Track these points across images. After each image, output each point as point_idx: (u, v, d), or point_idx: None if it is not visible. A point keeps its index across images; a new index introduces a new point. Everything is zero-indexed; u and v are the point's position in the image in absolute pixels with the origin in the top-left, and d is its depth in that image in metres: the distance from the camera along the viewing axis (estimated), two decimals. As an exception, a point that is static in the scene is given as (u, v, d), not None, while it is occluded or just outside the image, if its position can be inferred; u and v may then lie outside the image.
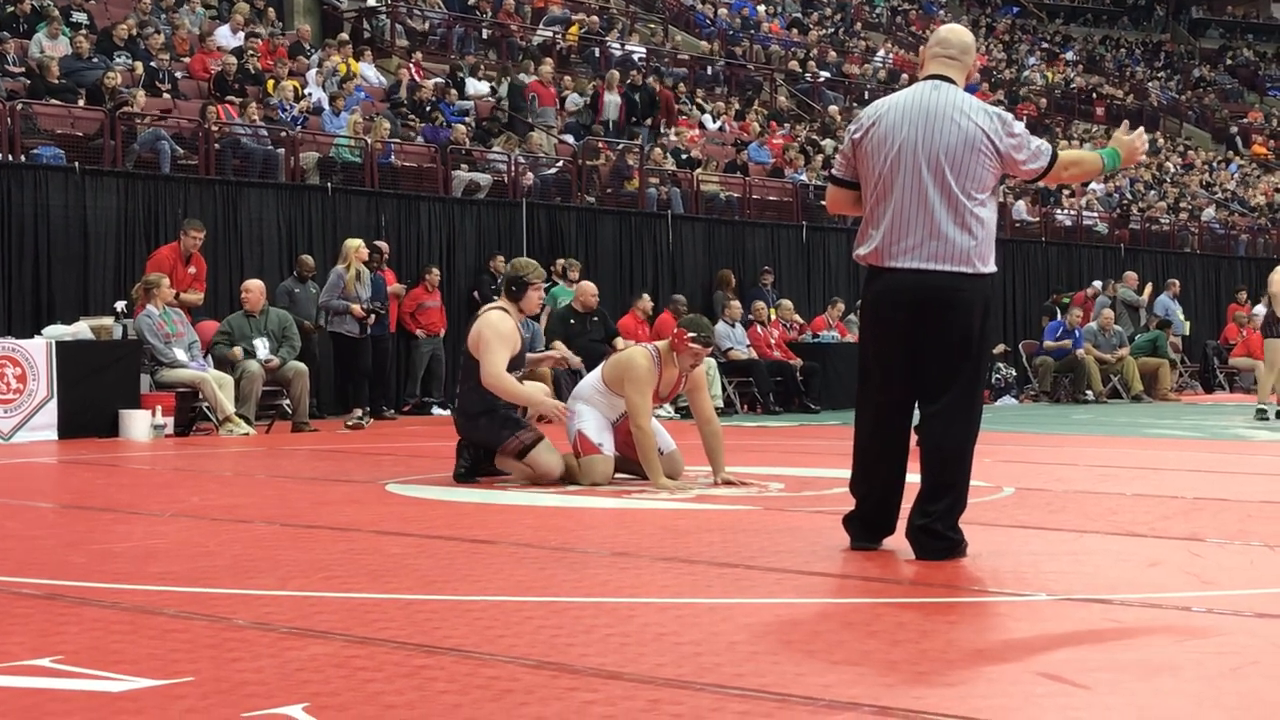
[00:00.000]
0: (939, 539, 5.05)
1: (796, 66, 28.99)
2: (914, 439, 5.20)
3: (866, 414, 5.26)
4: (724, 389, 16.36)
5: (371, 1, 22.82)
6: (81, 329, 12.37)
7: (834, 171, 5.43)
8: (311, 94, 17.90)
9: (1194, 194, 31.32)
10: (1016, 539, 5.71)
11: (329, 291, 13.61)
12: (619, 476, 8.02)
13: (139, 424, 11.77)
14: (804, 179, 21.52)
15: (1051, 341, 20.22)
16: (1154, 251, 26.14)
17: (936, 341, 5.07)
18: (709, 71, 26.99)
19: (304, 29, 20.59)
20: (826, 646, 3.69)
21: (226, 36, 18.78)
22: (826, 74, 29.20)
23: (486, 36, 23.57)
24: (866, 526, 5.30)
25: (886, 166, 5.10)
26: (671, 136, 21.70)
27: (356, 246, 13.62)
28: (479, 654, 3.56)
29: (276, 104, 16.85)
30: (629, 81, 22.13)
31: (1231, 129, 39.24)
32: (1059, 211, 26.03)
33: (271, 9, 20.74)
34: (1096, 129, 33.59)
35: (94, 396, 11.93)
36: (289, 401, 13.13)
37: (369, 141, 16.63)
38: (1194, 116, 40.13)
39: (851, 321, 18.50)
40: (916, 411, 5.20)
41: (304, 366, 13.10)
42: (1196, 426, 14.03)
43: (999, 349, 19.30)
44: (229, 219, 14.96)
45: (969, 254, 5.04)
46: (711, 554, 5.26)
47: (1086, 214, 26.43)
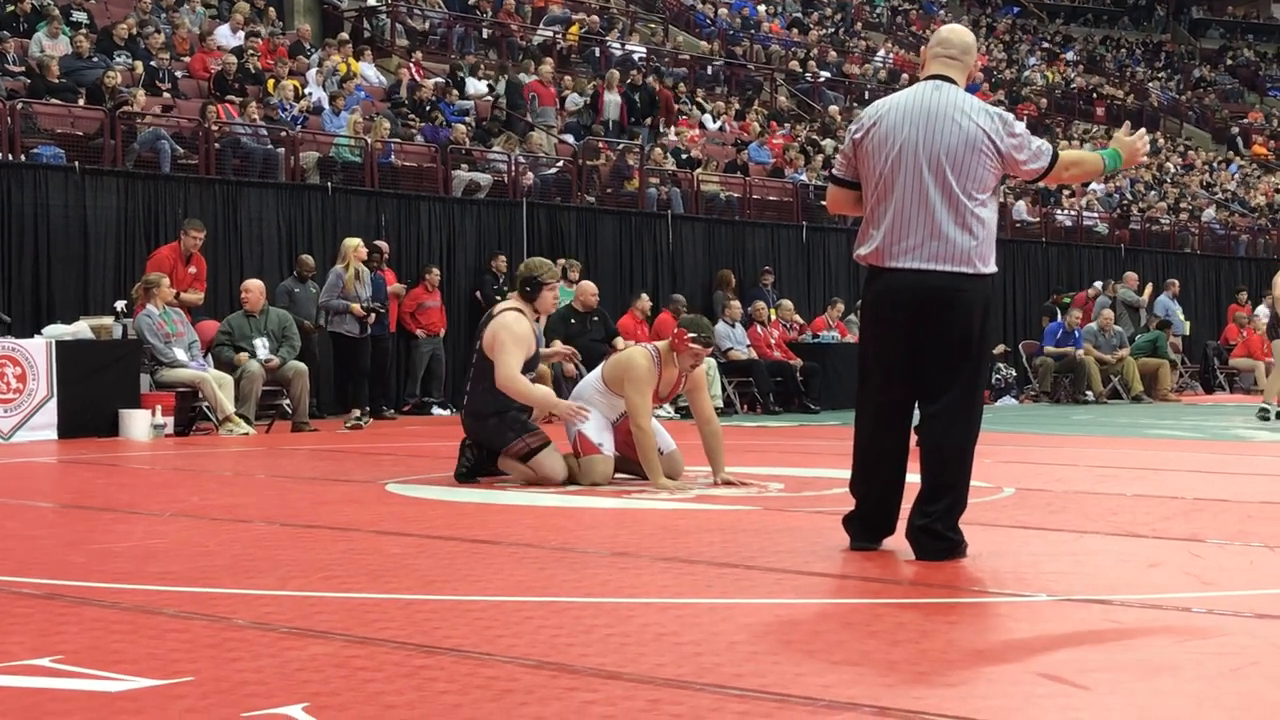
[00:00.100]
0: (939, 539, 5.05)
1: (797, 66, 28.99)
2: (914, 439, 5.20)
3: (866, 414, 5.26)
4: (724, 389, 16.35)
5: (372, 1, 22.82)
6: (81, 329, 12.37)
7: (834, 171, 5.43)
8: (311, 93, 17.90)
9: (1194, 194, 31.31)
10: (1016, 539, 5.70)
11: (328, 291, 13.61)
12: (619, 476, 8.02)
13: (139, 424, 11.77)
14: (804, 179, 21.52)
15: (1053, 347, 20.22)
16: (1154, 252, 26.13)
17: (937, 342, 5.07)
18: (709, 71, 26.99)
19: (304, 28, 20.59)
20: (826, 647, 3.69)
21: (226, 36, 18.79)
22: (827, 74, 29.20)
23: (487, 36, 23.57)
24: (866, 527, 5.29)
25: (887, 166, 5.10)
26: (672, 136, 21.70)
27: (355, 246, 13.62)
28: (479, 654, 3.55)
29: (276, 104, 16.85)
30: (629, 81, 22.13)
31: (1232, 129, 39.22)
32: (1059, 212, 26.02)
33: (271, 8, 20.74)
34: (1097, 129, 33.59)
35: (94, 396, 11.93)
36: (289, 401, 13.14)
37: (369, 141, 16.63)
38: (1194, 117, 40.13)
39: (851, 322, 18.50)
40: (916, 412, 5.20)
41: (304, 366, 13.10)
42: (1196, 427, 14.03)
43: (999, 349, 19.30)
44: (229, 219, 14.96)
45: (970, 254, 5.04)
46: (711, 554, 5.26)
47: (1087, 214, 26.42)
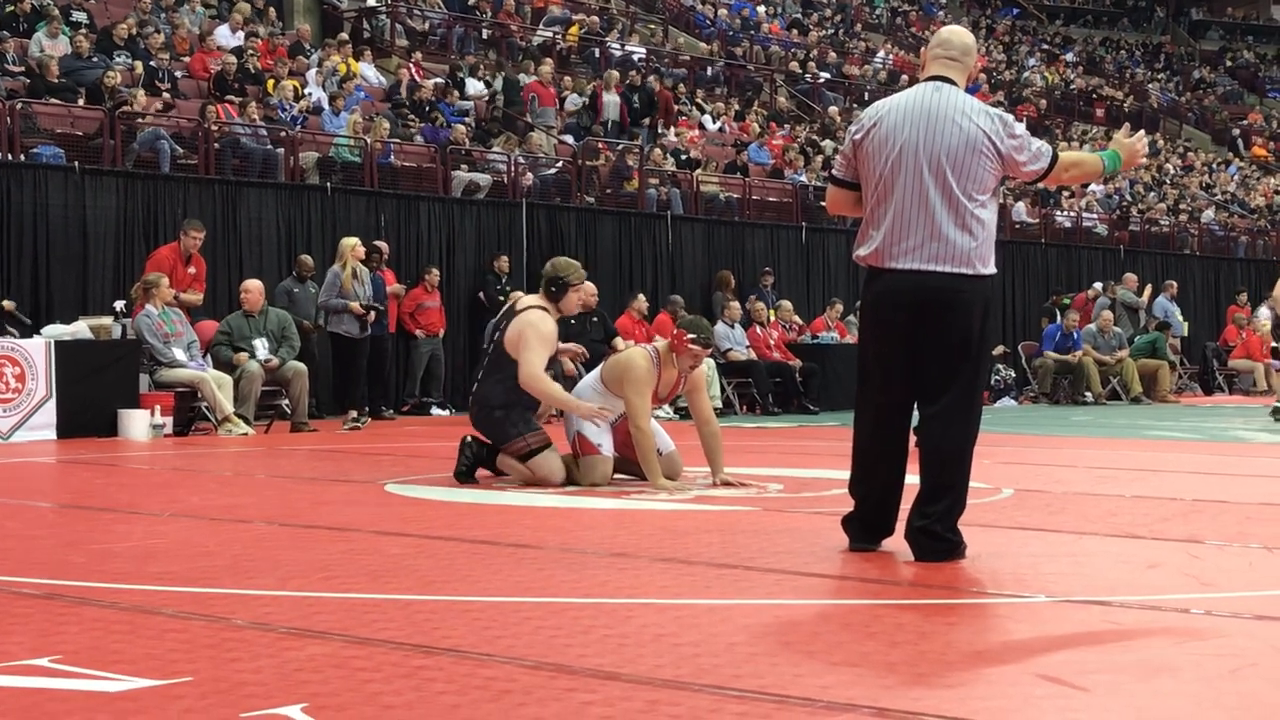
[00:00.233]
0: (938, 540, 5.05)
1: (796, 67, 28.99)
2: (913, 440, 5.20)
3: (866, 415, 5.26)
4: (723, 390, 16.35)
5: (371, 1, 22.82)
6: (81, 329, 12.37)
7: (834, 172, 5.43)
8: (311, 94, 17.90)
9: (1194, 196, 31.31)
10: (1016, 540, 5.70)
11: (326, 291, 13.60)
12: (618, 477, 8.02)
13: (138, 424, 11.78)
14: (803, 180, 21.52)
15: (1053, 350, 20.21)
16: (1154, 253, 26.12)
17: (936, 343, 5.07)
18: (709, 72, 26.99)
19: (304, 29, 20.59)
20: (825, 648, 3.69)
21: (226, 36, 18.79)
22: (826, 75, 29.20)
23: (486, 37, 23.57)
24: (865, 528, 5.29)
25: (887, 167, 5.10)
26: (671, 137, 21.70)
27: (353, 245, 13.60)
28: (477, 654, 3.56)
29: (276, 104, 16.85)
30: (627, 82, 22.13)
31: (1232, 131, 39.22)
32: (1059, 213, 26.02)
33: (271, 9, 20.74)
34: (1096, 130, 33.58)
35: (93, 396, 11.93)
36: (288, 401, 13.14)
37: (368, 141, 16.63)
38: (1194, 118, 40.13)
39: (851, 322, 18.50)
40: (916, 413, 5.20)
41: (303, 366, 13.10)
42: (1196, 428, 14.03)
43: (998, 350, 19.30)
44: (228, 219, 14.96)
45: (969, 255, 5.04)
46: (710, 555, 5.26)
47: (1086, 215, 26.42)
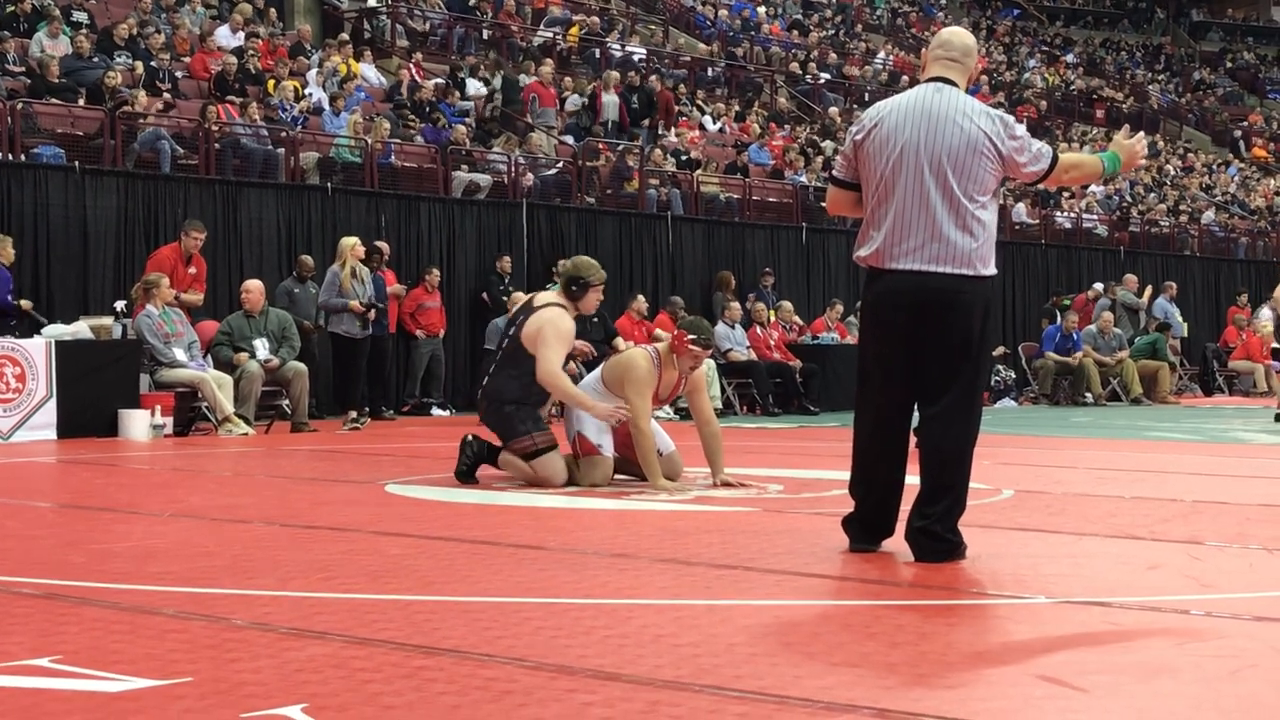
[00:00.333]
0: (938, 541, 5.05)
1: (797, 68, 28.99)
2: (913, 441, 5.20)
3: (866, 415, 5.26)
4: (723, 390, 16.36)
5: (372, 2, 22.82)
6: (81, 329, 12.37)
7: (835, 173, 5.43)
8: (312, 94, 17.90)
9: (1194, 197, 31.31)
10: (1016, 541, 5.70)
11: (326, 290, 13.59)
12: (618, 478, 8.02)
13: (138, 424, 11.77)
14: (804, 181, 21.52)
15: (1054, 351, 20.21)
16: (1154, 254, 26.12)
17: (937, 343, 5.07)
18: (709, 73, 26.99)
19: (304, 29, 20.59)
20: (825, 648, 3.69)
21: (227, 36, 18.79)
22: (827, 76, 29.20)
23: (487, 37, 23.57)
24: (865, 528, 5.29)
25: (888, 168, 5.10)
26: (672, 138, 21.70)
27: (352, 245, 13.59)
28: (478, 655, 3.55)
29: (277, 104, 16.85)
30: (626, 82, 22.13)
31: (1234, 133, 39.21)
32: (1059, 214, 26.01)
33: (272, 9, 20.74)
34: (1096, 131, 33.57)
35: (93, 396, 11.93)
36: (288, 402, 13.14)
37: (369, 142, 16.63)
38: (1194, 119, 40.11)
39: (851, 323, 18.51)
40: (916, 413, 5.20)
41: (303, 367, 13.10)
42: (1196, 429, 14.03)
43: (998, 351, 19.30)
44: (229, 219, 14.97)
45: (970, 256, 5.04)
46: (710, 555, 5.26)
47: (1086, 216, 26.42)
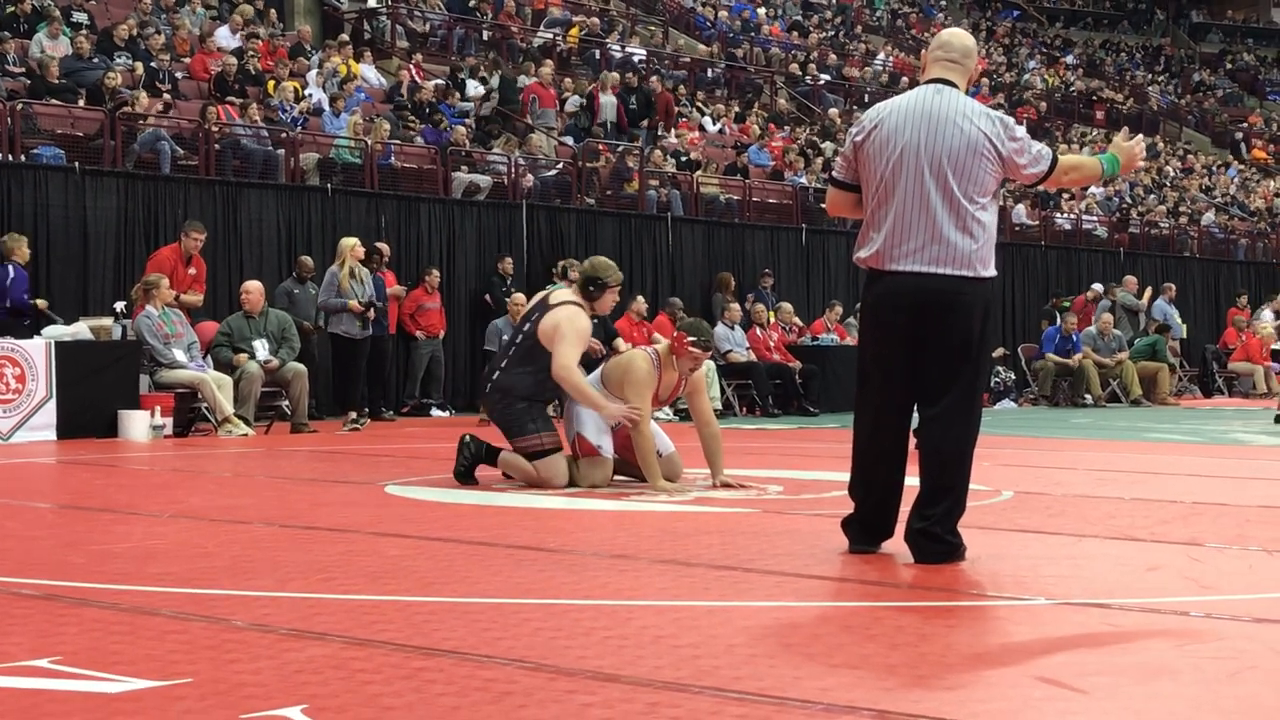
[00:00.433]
0: (938, 542, 5.05)
1: (796, 69, 28.98)
2: (913, 442, 5.20)
3: (866, 417, 5.26)
4: (723, 391, 16.35)
5: (372, 3, 22.83)
6: (81, 329, 12.37)
7: (834, 174, 5.43)
8: (312, 95, 17.90)
9: (1193, 198, 31.31)
10: (1015, 543, 5.70)
11: (325, 291, 13.59)
12: (618, 479, 8.02)
13: (138, 424, 11.77)
14: (804, 182, 21.52)
15: (1054, 353, 20.21)
16: (1153, 255, 26.12)
17: (936, 344, 5.07)
18: (709, 74, 26.99)
19: (304, 30, 20.60)
20: (825, 650, 3.69)
21: (227, 37, 18.79)
22: (826, 77, 29.21)
23: (487, 38, 23.57)
24: (865, 529, 5.30)
25: (888, 170, 5.10)
26: (671, 139, 21.70)
27: (352, 245, 13.59)
28: (477, 656, 3.55)
29: (277, 105, 16.86)
30: (625, 83, 22.12)
31: (1234, 134, 39.21)
32: (1058, 215, 26.01)
33: (272, 10, 20.74)
34: (1096, 133, 33.59)
35: (93, 397, 11.93)
36: (288, 402, 13.14)
37: (369, 143, 16.63)
38: (1194, 121, 40.13)
39: (850, 324, 18.51)
40: (916, 414, 5.20)
41: (303, 367, 13.10)
42: (1195, 431, 14.03)
43: (998, 353, 19.30)
44: (229, 220, 14.97)
45: (970, 258, 5.04)
46: (710, 557, 5.26)
47: (1086, 218, 26.42)
